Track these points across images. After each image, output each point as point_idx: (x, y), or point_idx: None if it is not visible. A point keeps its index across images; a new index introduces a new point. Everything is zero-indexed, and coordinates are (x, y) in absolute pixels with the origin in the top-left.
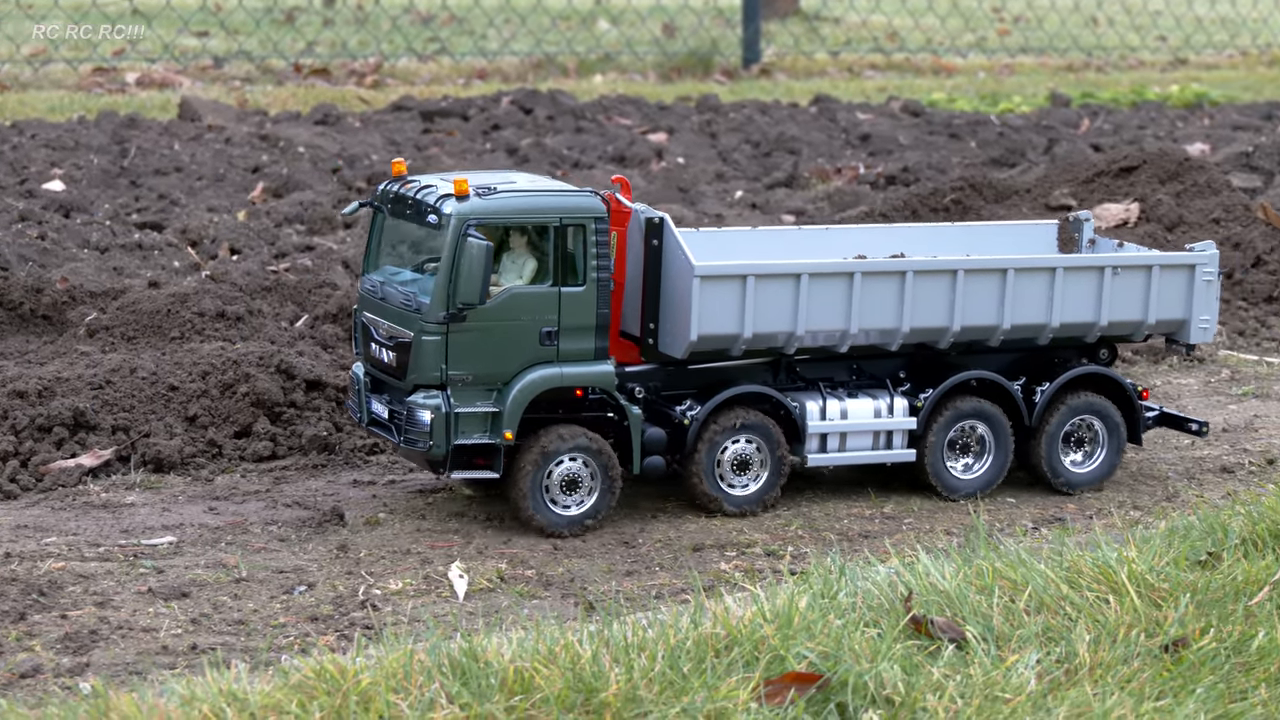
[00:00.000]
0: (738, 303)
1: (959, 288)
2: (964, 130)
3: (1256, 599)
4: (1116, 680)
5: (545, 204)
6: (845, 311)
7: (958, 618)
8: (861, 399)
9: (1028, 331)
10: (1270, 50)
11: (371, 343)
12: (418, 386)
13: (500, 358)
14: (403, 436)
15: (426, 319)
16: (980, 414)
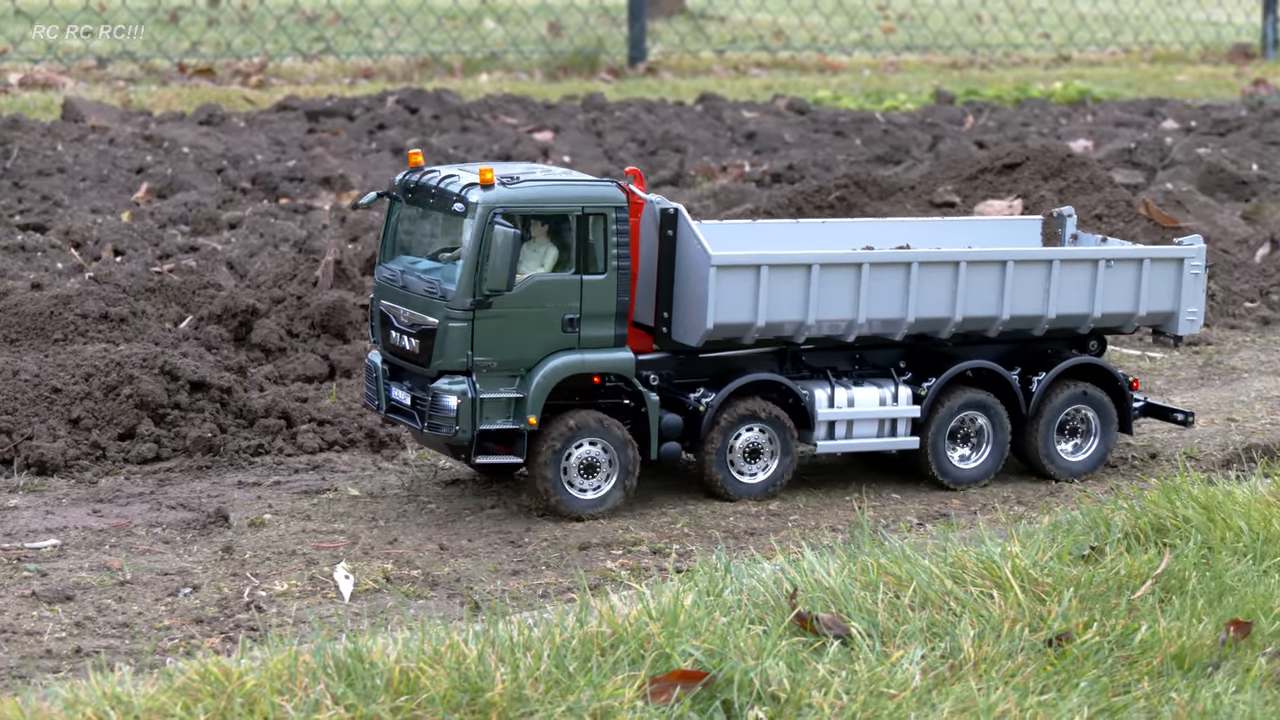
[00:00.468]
0: (751, 292)
1: (961, 279)
2: (849, 128)
3: (1139, 593)
4: (1001, 675)
5: (568, 193)
6: (854, 301)
7: (843, 614)
8: (867, 387)
9: (1025, 323)
10: (1152, 47)
11: (391, 330)
12: (442, 372)
13: (524, 344)
14: (426, 422)
15: (452, 306)
16: (979, 404)
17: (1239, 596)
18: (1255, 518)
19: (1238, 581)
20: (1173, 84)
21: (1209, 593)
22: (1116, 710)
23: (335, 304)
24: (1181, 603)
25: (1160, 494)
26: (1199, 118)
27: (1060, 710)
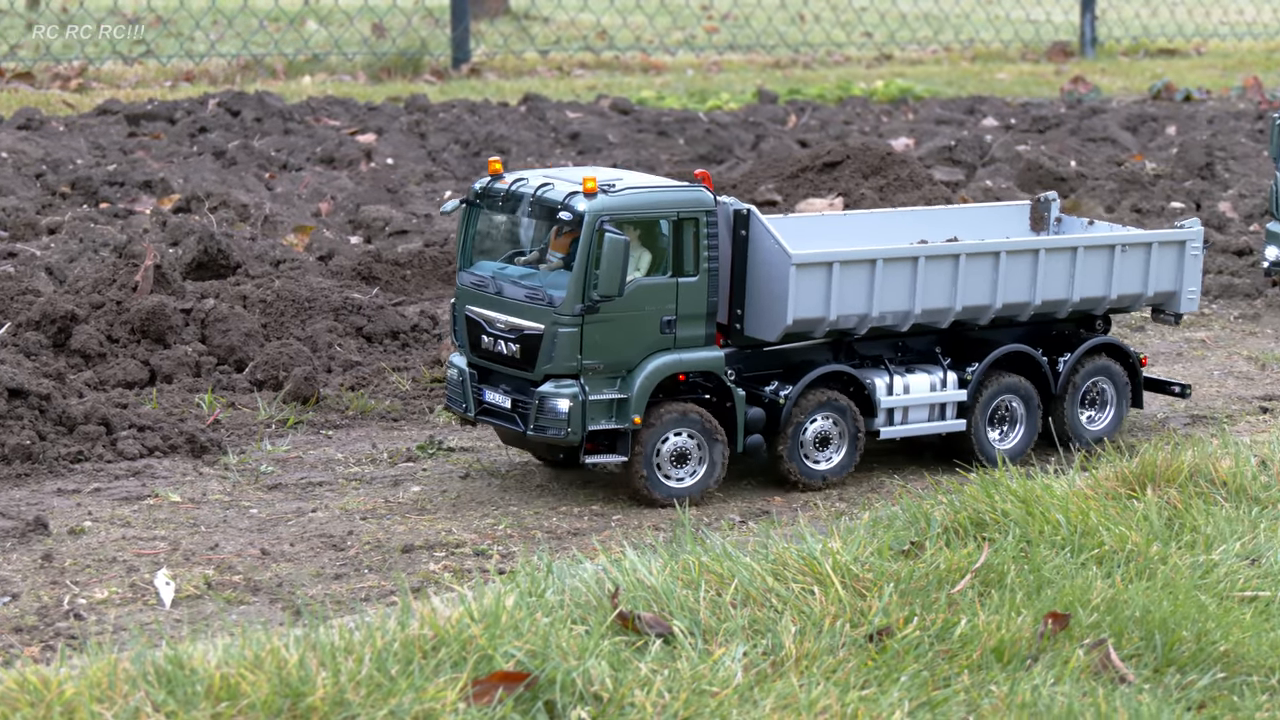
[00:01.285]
0: (824, 288)
1: (1001, 268)
2: (673, 128)
3: (958, 587)
4: (822, 670)
5: (665, 199)
6: (910, 293)
7: (665, 613)
8: (919, 374)
9: (1052, 307)
10: (973, 46)
11: (483, 336)
12: (549, 376)
13: (627, 346)
14: (533, 425)
15: (561, 312)
16: (1015, 386)
17: (1057, 589)
18: (1073, 511)
19: (1056, 574)
20: (993, 82)
21: (1028, 586)
22: (936, 704)
23: (155, 309)
24: (1000, 596)
25: (979, 488)
26: (1019, 115)
27: (881, 705)
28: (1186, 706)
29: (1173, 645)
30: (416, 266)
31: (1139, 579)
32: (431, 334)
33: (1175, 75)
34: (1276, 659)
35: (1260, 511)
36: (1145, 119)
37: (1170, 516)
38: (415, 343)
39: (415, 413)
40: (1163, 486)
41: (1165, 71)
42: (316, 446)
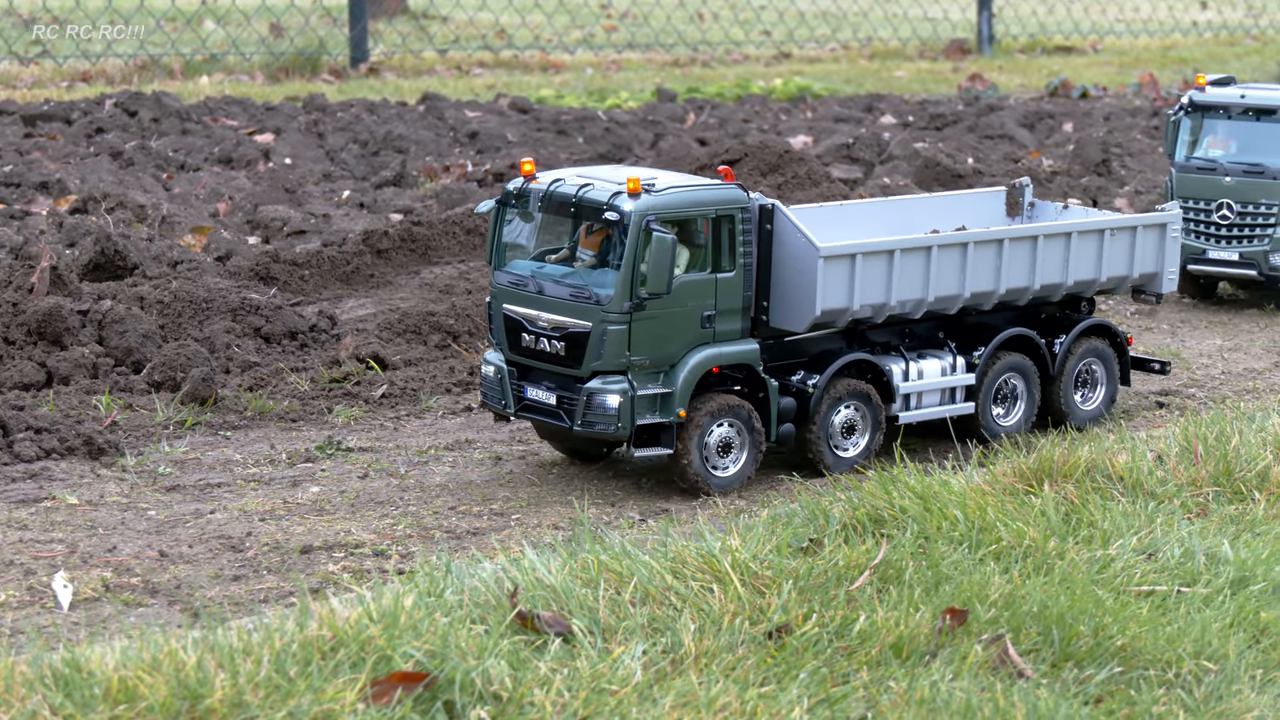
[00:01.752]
0: (848, 279)
1: (1005, 254)
2: (572, 126)
3: (857, 583)
4: (721, 668)
5: (703, 197)
6: (924, 281)
7: (564, 612)
8: (930, 360)
9: (1048, 290)
10: (871, 44)
11: (523, 334)
12: (596, 373)
13: (671, 341)
14: (580, 420)
15: (609, 310)
16: (1017, 366)
17: (955, 585)
18: (970, 507)
19: (954, 570)
20: (891, 80)
21: (926, 582)
22: (835, 700)
23: (52, 310)
24: (899, 592)
25: (877, 485)
26: (916, 113)
27: (780, 702)
28: (1084, 701)
29: (1070, 640)
30: (315, 267)
31: (1037, 574)
32: (330, 334)
33: (1072, 72)
34: (1173, 653)
35: (1156, 506)
36: (1042, 116)
37: (1068, 512)
38: (313, 343)
39: (314, 413)
40: (1060, 482)
41: (1062, 69)
42: (214, 448)
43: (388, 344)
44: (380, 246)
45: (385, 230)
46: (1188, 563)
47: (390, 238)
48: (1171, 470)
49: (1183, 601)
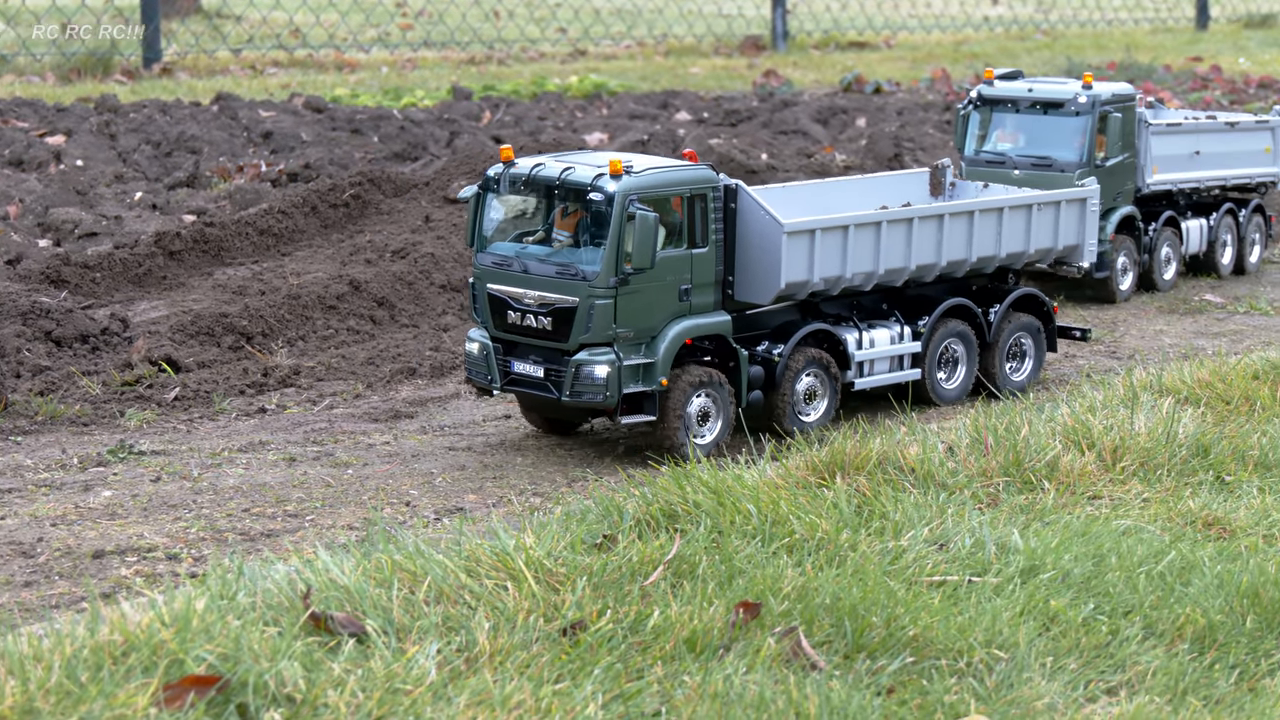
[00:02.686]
0: (808, 253)
1: (945, 229)
2: (367, 125)
3: (651, 579)
4: (516, 666)
5: (679, 178)
6: (875, 254)
7: (358, 612)
8: (880, 329)
9: (983, 262)
10: (666, 40)
11: (509, 311)
12: (583, 345)
13: (652, 314)
14: (569, 391)
15: (596, 285)
16: (959, 334)
17: (749, 578)
18: (764, 500)
19: (748, 564)
20: (687, 76)
21: (719, 576)
22: (630, 696)
23: None
24: (693, 587)
25: (671, 480)
26: (711, 109)
27: (575, 698)
28: (876, 692)
29: (862, 631)
30: (106, 269)
31: (829, 566)
32: (122, 337)
33: (866, 68)
34: (964, 642)
35: (948, 497)
36: (836, 111)
37: (860, 504)
38: (105, 346)
39: (106, 417)
40: (852, 474)
41: (856, 64)
42: (4, 453)
43: (180, 346)
44: (173, 248)
45: (178, 232)
46: (978, 552)
47: (183, 239)
48: (962, 461)
49: (974, 591)
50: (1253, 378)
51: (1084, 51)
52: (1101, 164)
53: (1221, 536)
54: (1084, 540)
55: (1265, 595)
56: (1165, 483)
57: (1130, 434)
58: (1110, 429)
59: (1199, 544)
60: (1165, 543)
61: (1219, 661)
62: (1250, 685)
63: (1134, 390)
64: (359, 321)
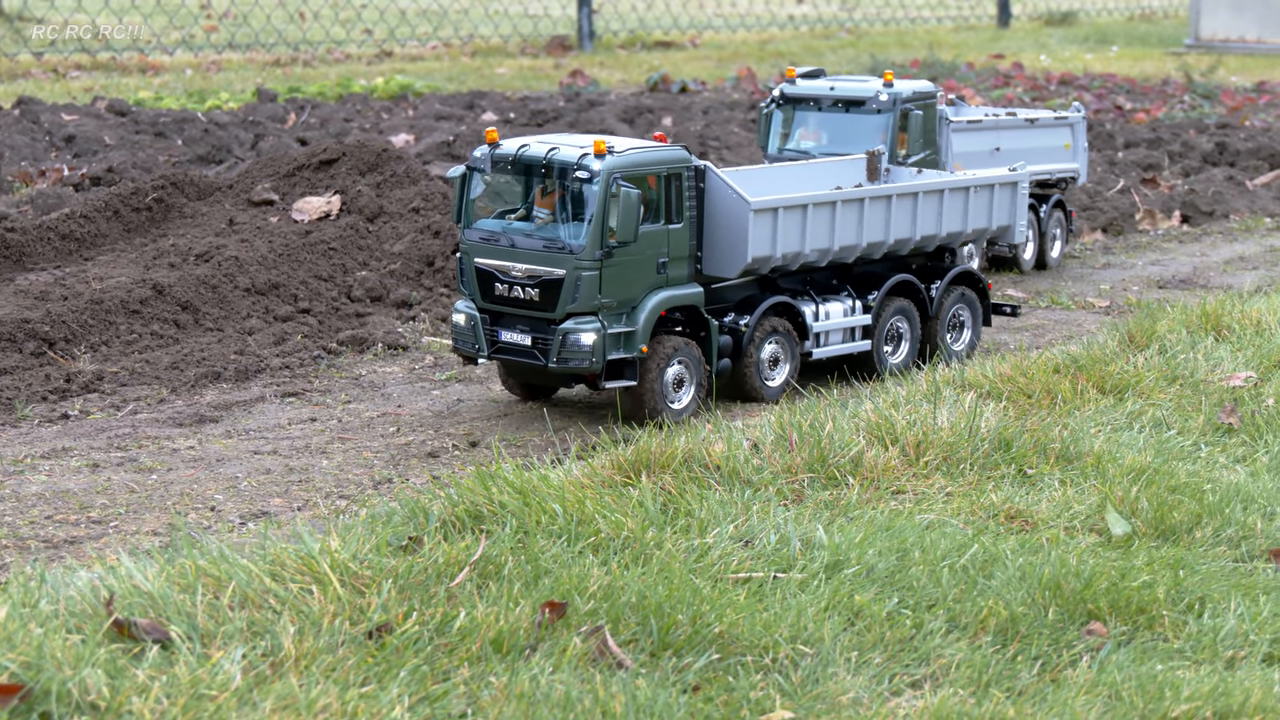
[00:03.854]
0: (771, 229)
1: (893, 209)
2: (171, 128)
3: (457, 580)
4: (322, 669)
5: (657, 157)
6: (830, 232)
7: (162, 618)
8: (833, 303)
9: (926, 241)
10: (473, 41)
11: (496, 284)
12: (570, 315)
13: (633, 285)
14: (555, 358)
15: (582, 258)
16: (903, 310)
17: (555, 578)
18: (569, 500)
19: (553, 563)
20: (493, 77)
21: (525, 576)
22: (436, 698)
23: None
24: (499, 588)
25: (476, 481)
26: (518, 109)
27: (381, 701)
28: (682, 689)
29: (668, 629)
30: None
31: (635, 565)
32: None
33: (672, 67)
34: (770, 638)
35: (753, 494)
36: (642, 111)
37: (665, 502)
38: None
39: None
40: (657, 473)
41: (662, 64)
42: None
43: None
44: None
45: None
46: (783, 549)
47: None
48: (767, 458)
49: (779, 587)
50: (1054, 371)
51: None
52: (903, 161)
53: (1024, 529)
54: (888, 535)
55: (1066, 587)
56: (968, 477)
57: (933, 429)
58: (913, 424)
59: (1001, 537)
60: (968, 536)
61: (1021, 653)
62: (1052, 676)
63: (936, 385)
64: (163, 326)
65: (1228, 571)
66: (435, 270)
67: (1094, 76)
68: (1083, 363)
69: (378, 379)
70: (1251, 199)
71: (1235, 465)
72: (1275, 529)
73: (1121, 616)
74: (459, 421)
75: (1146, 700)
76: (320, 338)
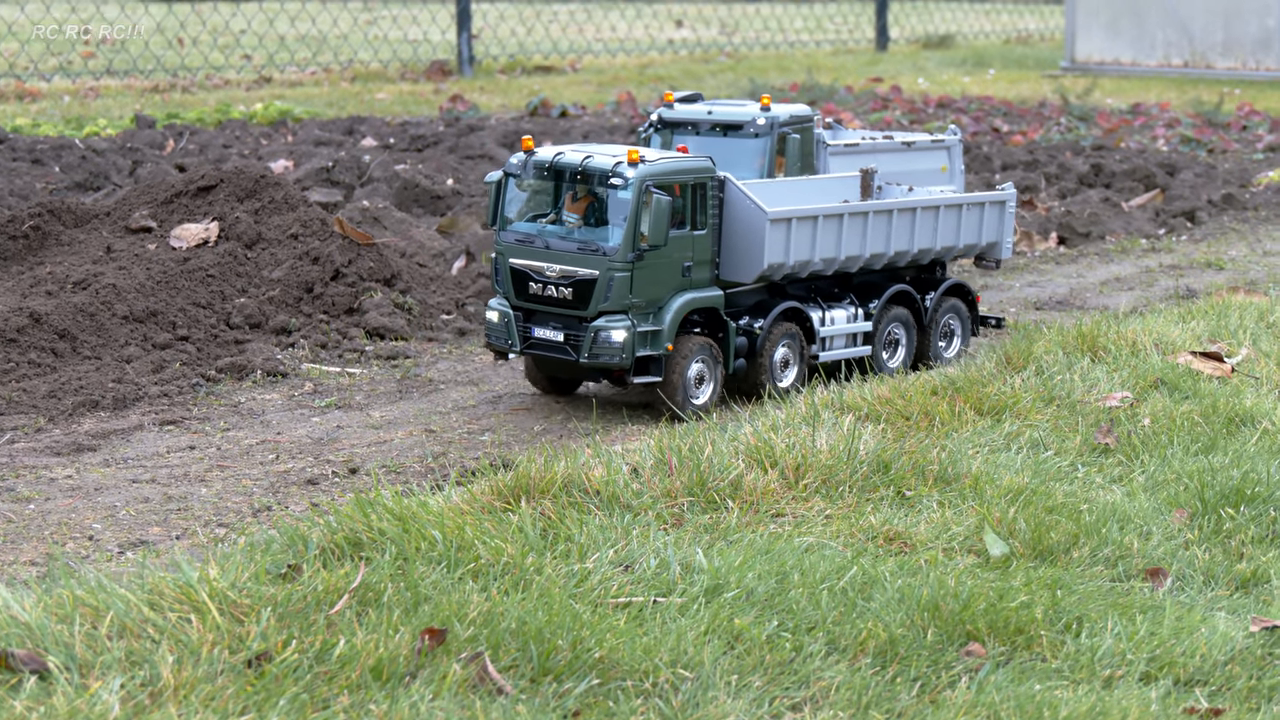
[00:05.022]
0: (785, 238)
1: (894, 223)
2: (48, 155)
3: (336, 608)
4: (201, 699)
5: (684, 167)
6: (837, 242)
7: (40, 649)
8: (838, 310)
9: (923, 254)
10: (352, 66)
11: (531, 283)
12: (601, 313)
13: (660, 287)
14: (587, 353)
15: (615, 260)
16: (900, 318)
17: (435, 605)
18: (449, 527)
19: (433, 590)
20: (373, 102)
21: (405, 603)
22: None
23: None
24: (378, 615)
25: (355, 508)
26: (398, 135)
27: None
28: (563, 715)
29: (549, 654)
30: None
31: (515, 591)
32: None
33: (552, 92)
34: (650, 662)
35: (633, 518)
36: (522, 135)
37: (545, 527)
38: None
39: None
40: (537, 498)
41: (542, 88)
42: None
43: None
44: None
45: None
46: (663, 573)
47: None
48: (647, 482)
49: (659, 611)
50: (931, 394)
51: (767, 73)
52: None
53: (902, 551)
54: (767, 558)
55: (945, 608)
56: (847, 499)
57: (812, 451)
58: (793, 447)
59: (880, 559)
60: (847, 558)
61: (901, 675)
62: (931, 697)
63: (815, 408)
64: (40, 354)
65: (1105, 591)
66: (315, 296)
67: (971, 99)
68: (960, 384)
69: (257, 406)
70: (1127, 220)
71: (1112, 485)
72: (1151, 548)
73: (1000, 637)
74: (339, 448)
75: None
76: (199, 365)
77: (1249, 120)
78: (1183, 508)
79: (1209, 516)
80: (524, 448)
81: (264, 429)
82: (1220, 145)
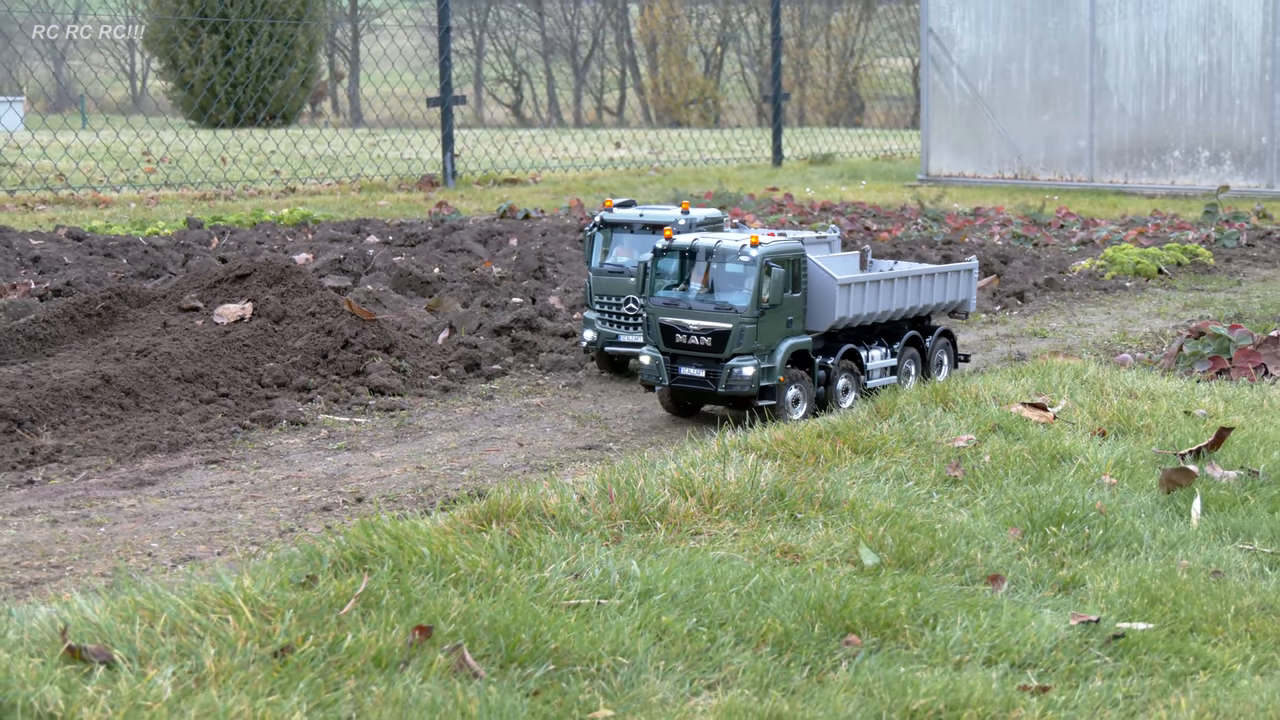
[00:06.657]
0: (848, 298)
1: (910, 285)
2: (118, 250)
3: (345, 609)
4: (237, 683)
5: (786, 247)
6: (876, 301)
7: (107, 644)
8: (876, 349)
9: (926, 308)
10: (359, 179)
11: (677, 334)
12: (734, 355)
13: (773, 334)
14: (725, 385)
15: (744, 316)
16: (913, 355)
17: (423, 607)
18: (435, 544)
19: (422, 595)
20: (376, 208)
21: (400, 606)
22: (328, 704)
23: None
24: (379, 615)
25: (360, 530)
26: (395, 233)
27: (284, 708)
28: (526, 694)
29: (514, 646)
30: None
31: (488, 595)
32: None
33: (518, 199)
34: (595, 652)
35: (581, 537)
36: (494, 233)
37: (511, 544)
38: None
39: None
40: (505, 521)
41: (510, 196)
42: None
43: None
44: None
45: None
46: (605, 580)
47: None
48: (592, 508)
49: (602, 611)
50: (817, 436)
51: (688, 184)
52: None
53: (794, 562)
54: (688, 568)
55: (829, 607)
56: (751, 520)
57: (723, 483)
58: (708, 479)
59: (777, 568)
60: (751, 568)
61: (794, 660)
62: (819, 678)
63: (725, 448)
64: (110, 408)
65: (955, 593)
66: (329, 362)
67: (848, 204)
68: (840, 429)
69: (282, 449)
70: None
71: (960, 509)
72: (991, 559)
73: (872, 630)
74: (348, 482)
75: (893, 695)
76: (237, 416)
77: (1065, 220)
78: (1016, 526)
79: (1037, 533)
80: (495, 481)
81: (288, 467)
82: (1043, 240)
